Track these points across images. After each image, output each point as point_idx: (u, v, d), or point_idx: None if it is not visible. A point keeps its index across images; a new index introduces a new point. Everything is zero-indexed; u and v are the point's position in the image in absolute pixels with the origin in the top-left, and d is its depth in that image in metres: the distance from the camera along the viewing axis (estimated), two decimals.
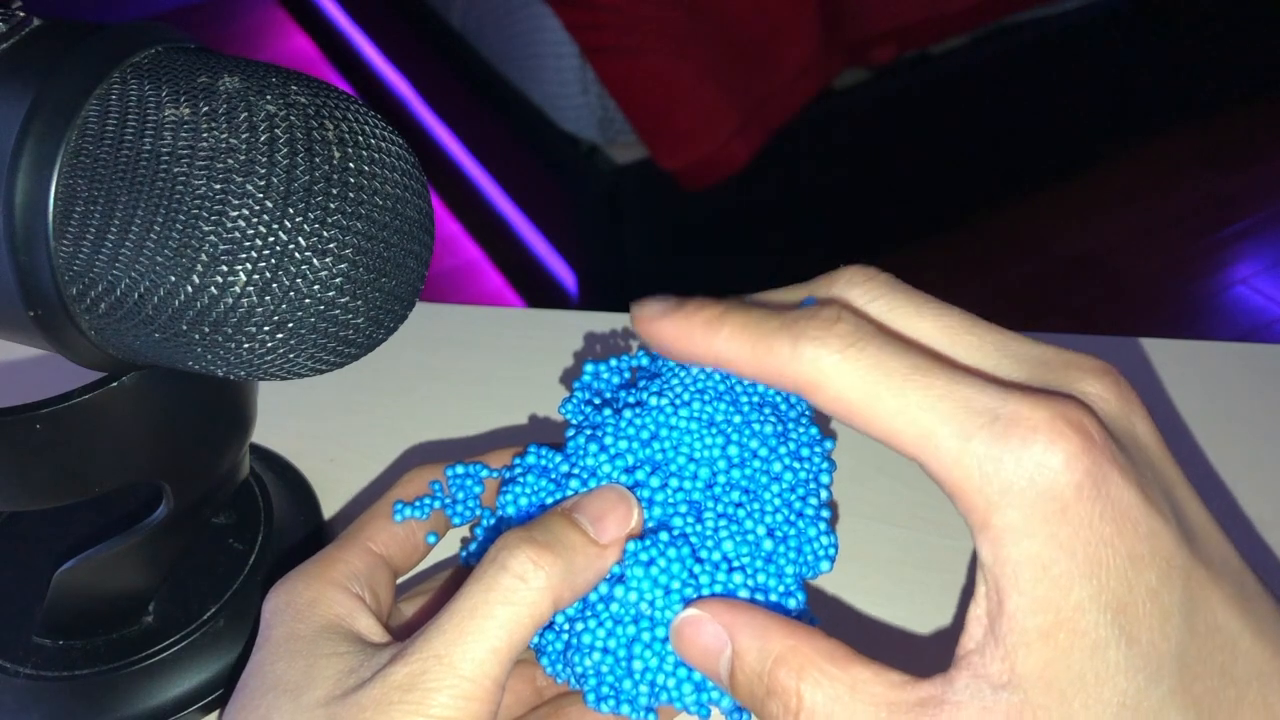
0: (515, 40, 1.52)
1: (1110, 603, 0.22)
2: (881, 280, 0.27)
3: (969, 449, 0.23)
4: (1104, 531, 0.22)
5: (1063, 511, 0.22)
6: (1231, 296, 1.74)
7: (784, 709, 0.25)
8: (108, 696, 0.38)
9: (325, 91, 0.27)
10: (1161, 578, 0.23)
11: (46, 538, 0.41)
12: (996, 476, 0.23)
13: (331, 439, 0.49)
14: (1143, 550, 0.23)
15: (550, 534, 0.27)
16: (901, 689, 0.24)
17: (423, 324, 0.39)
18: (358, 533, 0.33)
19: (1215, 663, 0.23)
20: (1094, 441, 0.23)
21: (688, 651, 0.27)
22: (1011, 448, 0.23)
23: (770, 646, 0.25)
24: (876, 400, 0.24)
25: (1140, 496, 0.23)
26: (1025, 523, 0.23)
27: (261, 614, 0.31)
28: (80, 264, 0.26)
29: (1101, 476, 0.23)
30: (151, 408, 0.33)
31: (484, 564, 0.27)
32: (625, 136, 1.46)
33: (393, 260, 0.28)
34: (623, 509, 0.28)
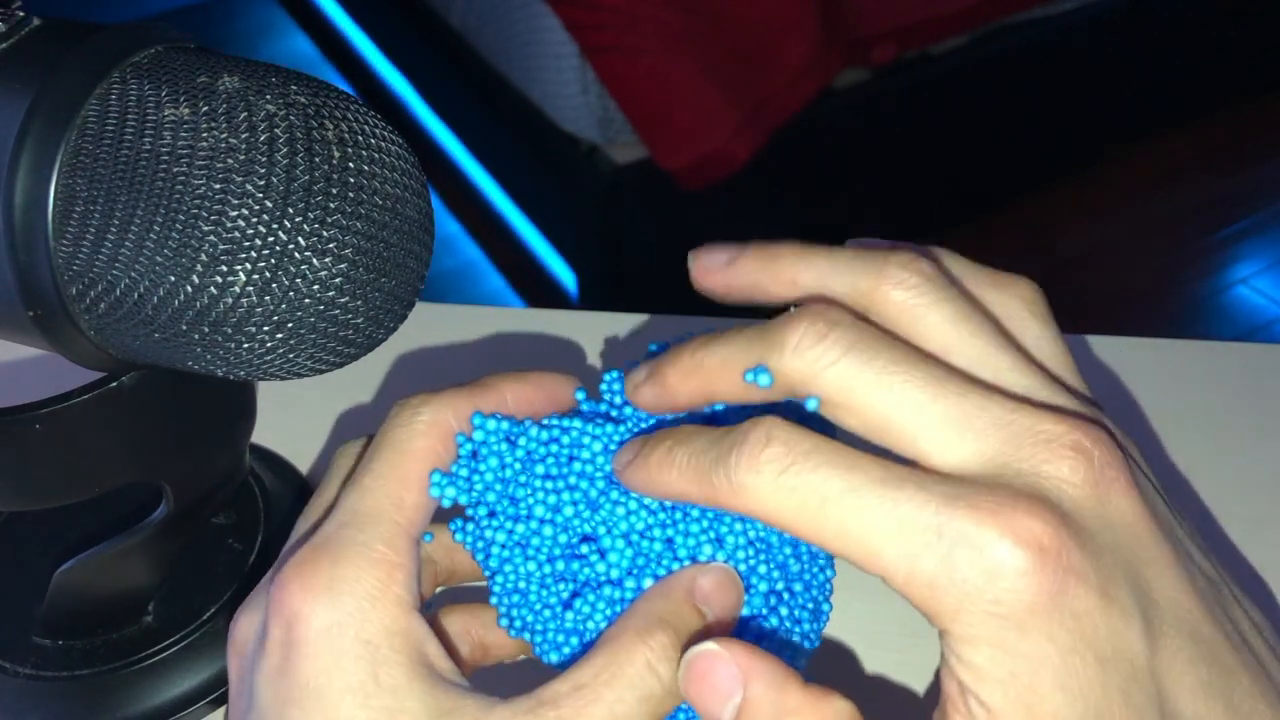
0: (515, 40, 1.52)
1: (1084, 710, 0.22)
2: (925, 277, 0.26)
3: (918, 567, 0.23)
4: (1066, 641, 0.22)
5: (1021, 628, 0.22)
6: (1231, 296, 1.74)
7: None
8: (108, 696, 0.38)
9: (325, 91, 0.27)
10: (1128, 678, 0.23)
11: (46, 538, 0.41)
12: (949, 592, 0.23)
13: (331, 439, 0.49)
14: (1107, 652, 0.23)
15: (685, 625, 0.26)
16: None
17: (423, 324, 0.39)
18: (393, 514, 0.27)
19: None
20: (1047, 554, 0.22)
21: (695, 687, 0.25)
22: (960, 567, 0.22)
23: (787, 702, 0.24)
24: (820, 524, 0.24)
25: (1100, 600, 0.23)
26: (987, 634, 0.22)
27: (295, 618, 0.25)
28: (80, 264, 0.26)
29: (1057, 589, 0.22)
30: (151, 408, 0.33)
31: (633, 662, 0.25)
32: (625, 136, 1.46)
33: (393, 260, 0.28)
34: (738, 599, 0.27)
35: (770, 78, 1.44)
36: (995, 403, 0.24)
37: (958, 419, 0.24)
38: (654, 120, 1.41)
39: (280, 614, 0.25)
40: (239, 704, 0.27)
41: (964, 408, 0.24)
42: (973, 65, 1.66)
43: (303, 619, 0.25)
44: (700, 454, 0.25)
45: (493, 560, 0.29)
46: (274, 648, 0.26)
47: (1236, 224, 1.85)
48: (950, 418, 0.24)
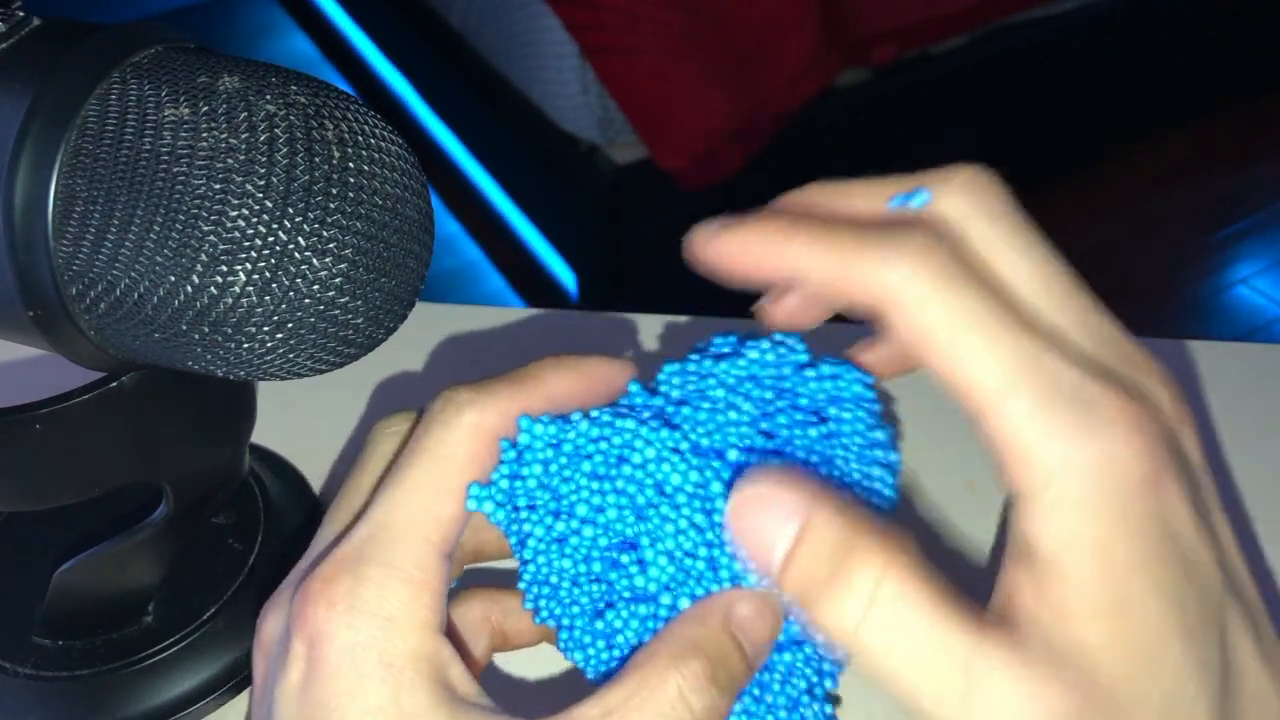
0: (515, 40, 1.52)
1: (1170, 599, 0.22)
2: (996, 197, 0.25)
3: (1041, 416, 0.22)
4: (1161, 533, 0.22)
5: (1126, 503, 0.22)
6: (1231, 296, 1.74)
7: (849, 597, 0.22)
8: (108, 696, 0.38)
9: (325, 91, 0.27)
10: (1204, 596, 0.23)
11: (46, 538, 0.41)
12: (1061, 451, 0.22)
13: (331, 439, 0.49)
14: (1195, 560, 0.22)
15: (728, 672, 0.25)
16: (981, 645, 0.22)
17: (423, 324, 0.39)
18: (423, 530, 0.25)
19: (1235, 690, 0.23)
20: (1161, 447, 0.22)
21: (747, 520, 0.23)
22: (1085, 428, 0.22)
23: (854, 527, 0.23)
24: (960, 342, 0.22)
25: (1192, 513, 0.23)
26: (1086, 502, 0.22)
27: (319, 636, 0.24)
28: (80, 264, 0.26)
29: (1164, 483, 0.22)
30: (151, 408, 0.33)
31: (665, 693, 0.24)
32: (625, 136, 1.46)
33: (393, 260, 0.28)
34: (777, 626, 0.26)
35: (770, 78, 1.44)
36: (1104, 321, 0.25)
37: (1078, 321, 0.24)
38: (654, 120, 1.41)
39: (303, 629, 0.25)
40: (261, 706, 0.27)
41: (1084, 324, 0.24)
42: (973, 65, 1.66)
43: (326, 637, 0.24)
44: (843, 229, 0.23)
45: (526, 551, 0.28)
46: (296, 662, 0.25)
47: (1236, 224, 1.85)
48: (1071, 320, 0.24)
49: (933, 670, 0.22)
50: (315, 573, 0.25)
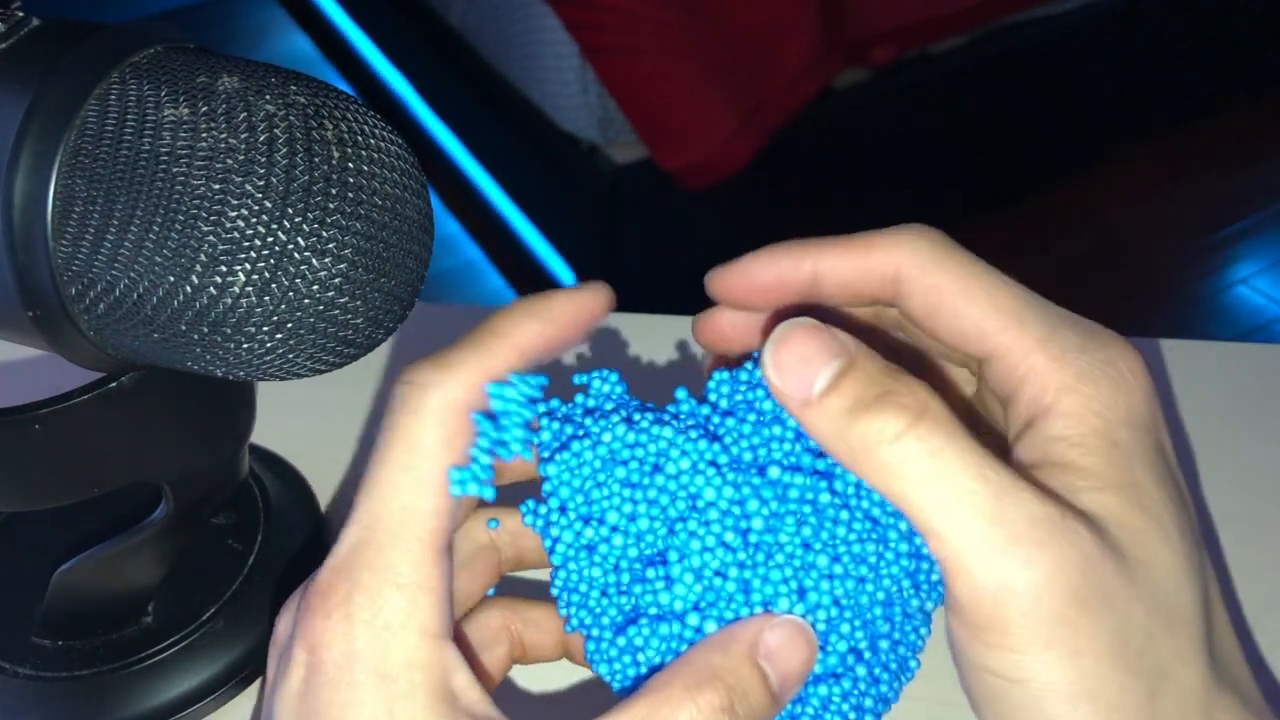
0: (515, 40, 1.52)
1: (1168, 486, 0.24)
2: (947, 240, 0.27)
3: (1058, 336, 0.25)
4: (1159, 449, 0.25)
5: (1132, 419, 0.24)
6: (1231, 296, 1.74)
7: (893, 415, 0.23)
8: (107, 697, 0.38)
9: (325, 91, 0.27)
10: (1190, 517, 0.25)
11: (46, 538, 0.41)
12: (1076, 364, 0.24)
13: (331, 439, 0.49)
14: (1180, 485, 0.25)
15: (747, 703, 0.24)
16: (1014, 479, 0.23)
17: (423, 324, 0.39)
18: (412, 526, 0.24)
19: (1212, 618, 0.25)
20: (1155, 394, 0.25)
21: (790, 349, 0.24)
22: (1099, 355, 0.25)
23: (899, 370, 0.24)
24: (974, 285, 0.26)
25: (1172, 455, 0.25)
26: (1096, 401, 0.24)
27: (317, 647, 0.24)
28: (79, 264, 0.26)
29: (1159, 419, 0.25)
30: (151, 408, 0.33)
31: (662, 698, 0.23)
32: (625, 136, 1.46)
33: (392, 260, 0.28)
34: (809, 657, 0.25)
35: (770, 78, 1.44)
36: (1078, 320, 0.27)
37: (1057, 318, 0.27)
38: (654, 120, 1.41)
39: (303, 637, 0.24)
40: (266, 705, 0.26)
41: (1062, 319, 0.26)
42: (973, 65, 1.66)
43: (323, 646, 0.24)
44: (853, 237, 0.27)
45: (555, 556, 0.27)
46: (296, 668, 0.25)
47: (1236, 224, 1.85)
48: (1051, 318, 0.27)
49: (964, 493, 0.23)
50: (314, 582, 0.25)
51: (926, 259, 0.26)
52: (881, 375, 0.24)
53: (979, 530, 0.23)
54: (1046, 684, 0.23)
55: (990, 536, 0.23)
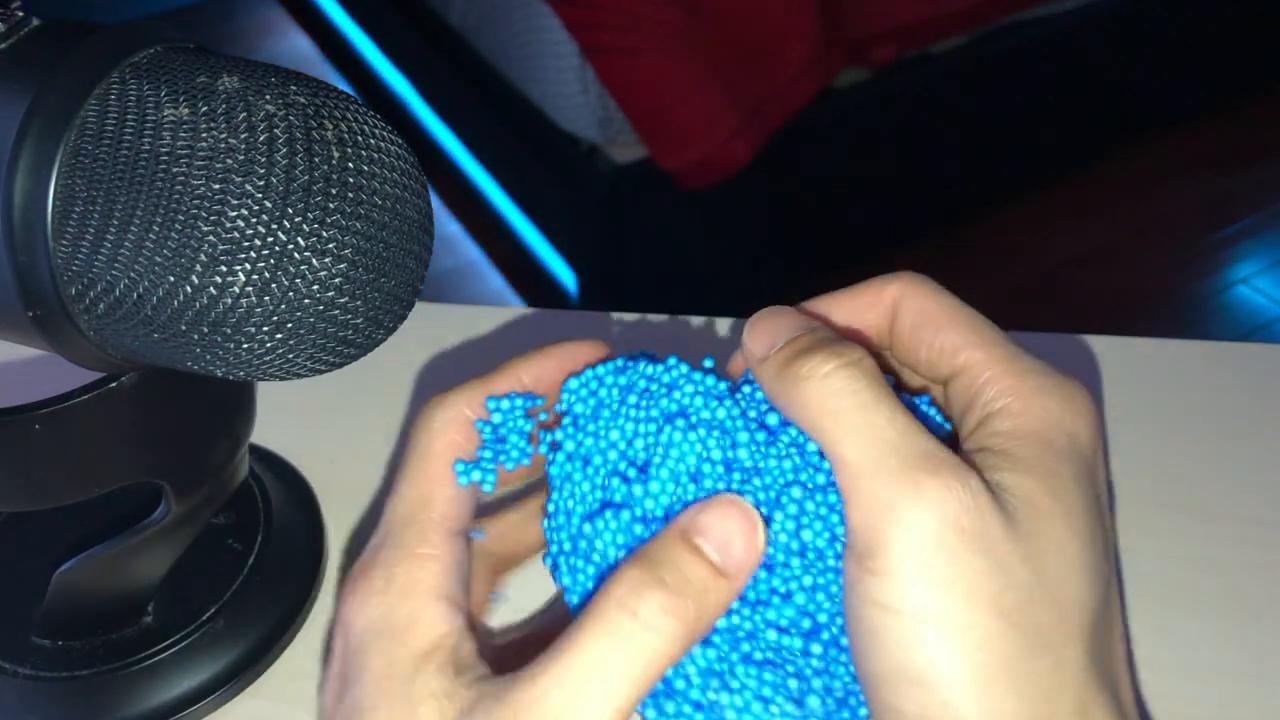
0: (515, 39, 1.52)
1: (1088, 497, 0.26)
2: (935, 284, 0.30)
3: (1022, 360, 0.27)
4: (1086, 477, 0.26)
5: (1073, 438, 0.26)
6: (1231, 296, 1.74)
7: (831, 358, 0.26)
8: (107, 697, 0.38)
9: (325, 91, 0.27)
10: (1106, 533, 0.26)
11: (46, 538, 0.41)
12: (1034, 381, 0.26)
13: (331, 439, 0.49)
14: (1103, 511, 0.26)
15: (679, 573, 0.25)
16: (934, 441, 0.25)
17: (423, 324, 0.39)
18: (423, 512, 0.28)
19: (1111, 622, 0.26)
20: (1100, 431, 0.27)
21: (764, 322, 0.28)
22: (1056, 380, 0.27)
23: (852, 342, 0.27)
24: (960, 313, 0.28)
25: (1103, 489, 0.27)
26: (1044, 410, 0.26)
27: (347, 625, 0.27)
28: (79, 264, 0.26)
29: (1099, 452, 0.27)
30: (151, 408, 0.33)
31: (605, 605, 0.24)
32: (625, 136, 1.46)
33: (392, 260, 0.28)
34: (748, 530, 0.26)
35: (770, 78, 1.44)
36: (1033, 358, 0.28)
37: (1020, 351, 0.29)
38: (654, 120, 1.41)
39: (338, 623, 0.28)
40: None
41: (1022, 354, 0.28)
42: (973, 65, 1.66)
43: (351, 623, 0.27)
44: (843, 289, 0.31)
45: (554, 467, 0.28)
46: (336, 651, 0.28)
47: (1236, 224, 1.85)
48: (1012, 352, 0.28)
49: (870, 425, 0.25)
50: (350, 574, 0.28)
51: (919, 289, 0.29)
52: (830, 337, 0.27)
53: (875, 456, 0.24)
54: (921, 612, 0.23)
55: (884, 462, 0.24)
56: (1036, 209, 1.84)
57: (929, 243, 1.78)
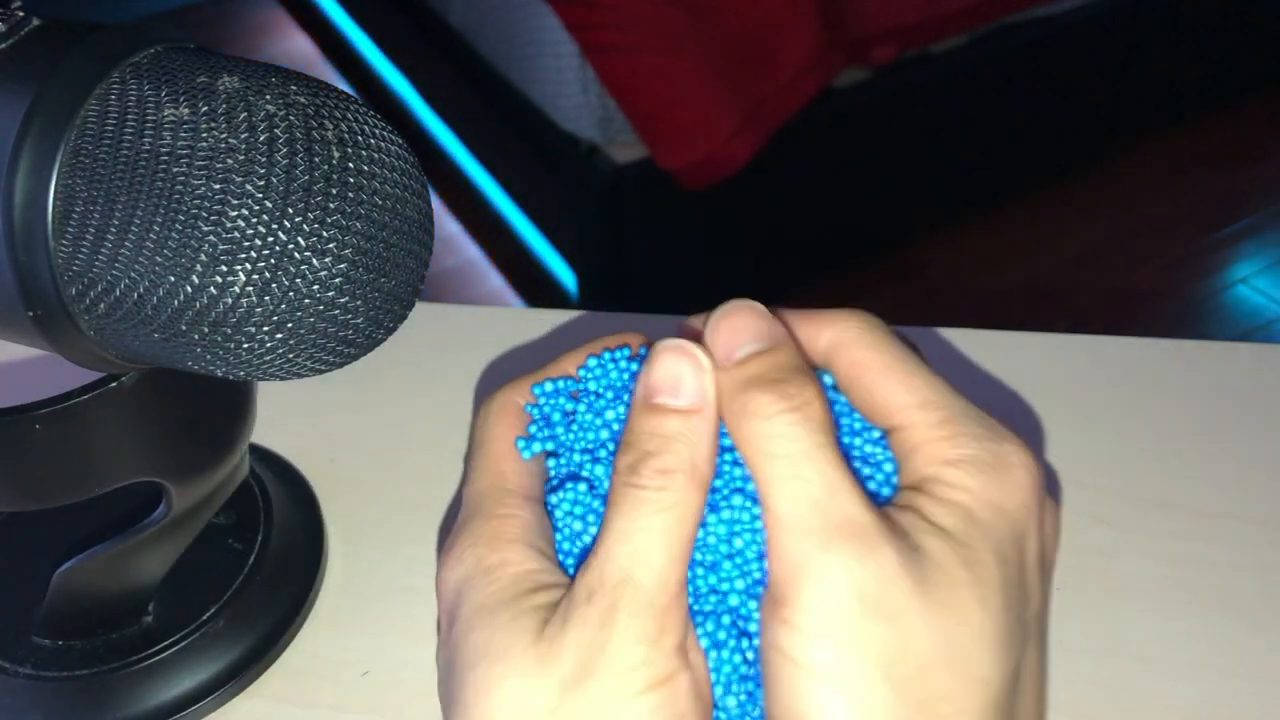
0: (515, 39, 1.52)
1: (1008, 573, 0.26)
2: (877, 325, 0.29)
3: (958, 423, 0.27)
4: (1012, 552, 0.26)
5: (1001, 511, 0.26)
6: (1231, 296, 1.74)
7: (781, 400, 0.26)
8: (107, 696, 0.38)
9: (325, 91, 0.27)
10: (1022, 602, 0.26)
11: (46, 538, 0.41)
12: (967, 448, 0.26)
13: (331, 439, 0.49)
14: (1026, 580, 0.26)
15: (657, 435, 0.27)
16: (864, 500, 0.25)
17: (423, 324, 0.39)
18: (498, 483, 0.30)
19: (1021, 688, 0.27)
20: (1038, 497, 0.27)
21: (729, 320, 0.28)
22: (992, 447, 0.27)
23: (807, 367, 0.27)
24: (899, 365, 0.28)
25: (1037, 548, 0.27)
26: (973, 482, 0.26)
27: (443, 587, 0.28)
28: (79, 264, 0.26)
29: (1027, 537, 0.26)
30: (151, 408, 0.33)
31: (615, 495, 0.26)
32: (625, 136, 1.46)
33: (392, 260, 0.28)
34: (687, 359, 0.27)
35: (770, 78, 1.44)
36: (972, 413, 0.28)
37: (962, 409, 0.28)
38: (654, 120, 1.41)
39: (439, 594, 0.29)
40: None
41: (968, 411, 0.28)
42: (973, 65, 1.66)
43: (444, 586, 0.28)
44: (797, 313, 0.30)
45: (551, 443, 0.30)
46: (441, 617, 0.29)
47: (1236, 224, 1.85)
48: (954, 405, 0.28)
49: (801, 477, 0.25)
50: (441, 551, 0.30)
51: (855, 335, 0.28)
52: (787, 367, 0.27)
53: (799, 512, 0.25)
54: (818, 668, 0.24)
55: (806, 520, 0.25)
56: (1036, 209, 1.84)
57: (928, 243, 1.79)
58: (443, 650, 0.28)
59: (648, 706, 0.24)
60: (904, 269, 1.76)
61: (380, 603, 0.42)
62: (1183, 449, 0.47)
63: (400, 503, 0.46)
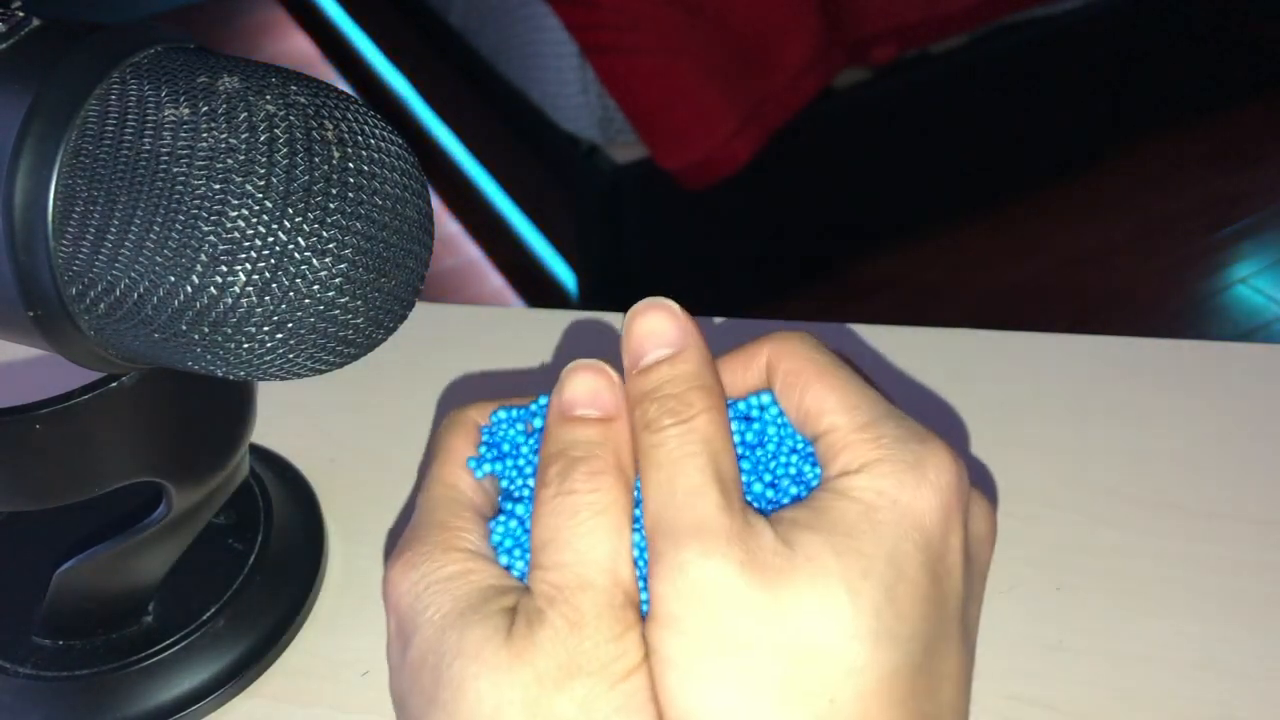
0: (515, 40, 1.52)
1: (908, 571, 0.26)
2: (813, 341, 0.31)
3: (881, 426, 0.28)
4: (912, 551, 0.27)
5: (906, 512, 0.27)
6: (1231, 296, 1.74)
7: (669, 416, 0.28)
8: (108, 696, 0.38)
9: (325, 91, 0.27)
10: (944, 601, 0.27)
11: (46, 538, 0.41)
12: (886, 450, 0.27)
13: (331, 439, 0.49)
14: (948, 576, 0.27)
15: (581, 444, 0.28)
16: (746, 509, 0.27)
17: (423, 324, 0.39)
18: (451, 494, 0.31)
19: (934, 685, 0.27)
20: (961, 496, 0.28)
21: (643, 323, 0.29)
22: (912, 449, 0.27)
23: (708, 372, 0.29)
24: (831, 372, 0.29)
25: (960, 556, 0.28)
26: (884, 482, 0.27)
27: (392, 596, 0.29)
28: (80, 264, 0.26)
29: (937, 541, 0.27)
30: (151, 408, 0.33)
31: (545, 504, 0.28)
32: (625, 136, 1.46)
33: (392, 260, 0.28)
34: (599, 375, 0.29)
35: (770, 78, 1.44)
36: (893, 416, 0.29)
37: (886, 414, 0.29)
38: (654, 120, 1.41)
39: (388, 604, 0.29)
40: None
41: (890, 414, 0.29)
42: (973, 65, 1.66)
43: (394, 597, 0.29)
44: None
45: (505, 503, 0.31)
46: (390, 630, 0.30)
47: (1236, 224, 1.85)
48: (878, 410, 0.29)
49: (671, 488, 0.27)
50: (388, 562, 0.30)
51: (789, 349, 0.30)
52: (685, 378, 0.28)
53: (662, 513, 0.27)
54: (671, 659, 0.26)
55: (664, 519, 0.27)
56: (1036, 209, 1.84)
57: (928, 243, 1.79)
58: (403, 653, 0.29)
59: (626, 693, 0.26)
60: (904, 269, 1.76)
61: (380, 603, 0.42)
62: (1183, 449, 0.47)
63: (400, 503, 0.46)
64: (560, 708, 0.26)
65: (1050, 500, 0.45)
